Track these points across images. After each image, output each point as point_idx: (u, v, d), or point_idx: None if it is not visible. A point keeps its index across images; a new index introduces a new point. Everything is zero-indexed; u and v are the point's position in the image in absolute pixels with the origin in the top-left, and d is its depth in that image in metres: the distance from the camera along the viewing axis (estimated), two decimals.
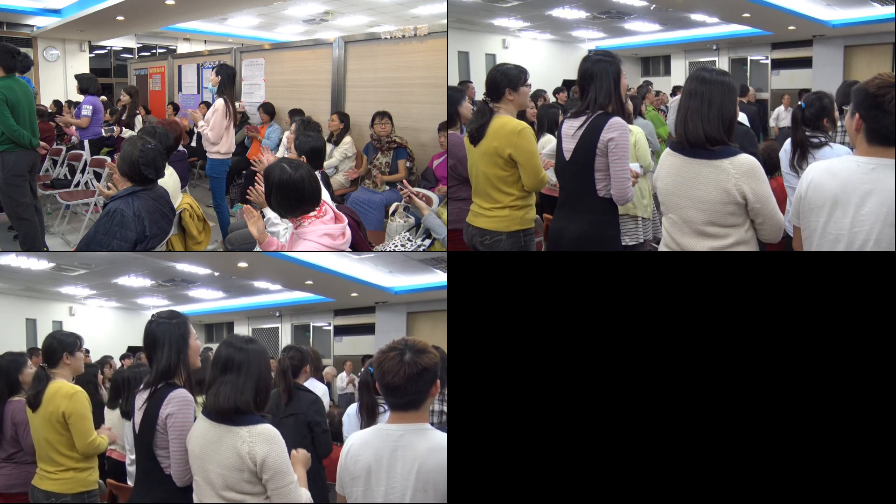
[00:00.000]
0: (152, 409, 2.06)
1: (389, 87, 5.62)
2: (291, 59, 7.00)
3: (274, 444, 1.86)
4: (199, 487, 1.92)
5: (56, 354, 2.67)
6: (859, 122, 1.94)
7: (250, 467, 1.84)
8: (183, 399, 2.06)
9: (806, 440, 2.07)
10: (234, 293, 8.66)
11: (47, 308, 8.71)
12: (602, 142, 2.58)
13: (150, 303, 8.92)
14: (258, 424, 1.88)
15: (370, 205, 4.96)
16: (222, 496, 1.86)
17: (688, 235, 2.23)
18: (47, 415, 2.57)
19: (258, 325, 10.32)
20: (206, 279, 7.48)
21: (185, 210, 3.46)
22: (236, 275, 7.16)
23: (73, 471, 2.60)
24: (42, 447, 2.61)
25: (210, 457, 1.88)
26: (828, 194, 1.97)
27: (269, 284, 8.07)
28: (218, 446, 1.87)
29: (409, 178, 5.04)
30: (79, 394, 2.60)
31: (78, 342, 2.73)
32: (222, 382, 1.89)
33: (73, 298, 8.84)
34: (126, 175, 2.81)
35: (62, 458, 2.59)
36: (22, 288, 7.95)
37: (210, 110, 5.20)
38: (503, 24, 10.73)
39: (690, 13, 10.35)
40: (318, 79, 6.39)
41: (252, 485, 1.86)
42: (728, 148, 2.13)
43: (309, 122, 5.03)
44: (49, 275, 7.06)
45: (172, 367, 2.09)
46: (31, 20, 11.14)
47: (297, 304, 9.14)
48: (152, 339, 2.11)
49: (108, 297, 8.88)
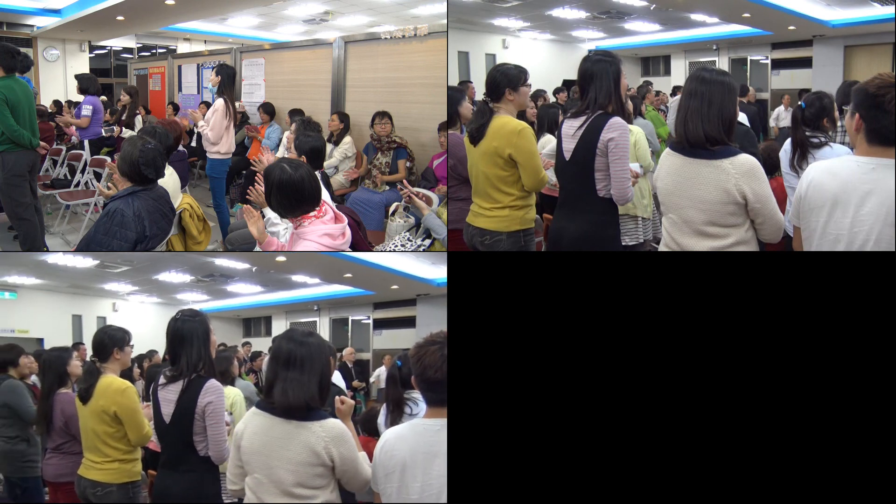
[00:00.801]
0: (189, 399, 2.24)
1: (389, 87, 5.62)
2: (291, 59, 7.00)
3: (346, 438, 1.87)
4: (261, 485, 1.87)
5: (106, 349, 2.73)
6: (859, 122, 1.94)
7: (325, 462, 1.84)
8: (217, 388, 2.28)
9: (807, 440, 2.07)
10: (272, 287, 8.68)
11: (92, 304, 8.94)
12: (602, 142, 2.58)
13: (189, 298, 9.02)
14: (327, 420, 1.87)
15: (370, 205, 4.96)
16: (292, 493, 1.84)
17: (688, 235, 2.23)
18: (98, 408, 2.64)
19: (296, 319, 10.25)
20: (245, 274, 7.55)
21: (185, 210, 3.46)
22: (274, 269, 7.19)
23: (119, 462, 2.67)
24: (90, 438, 2.68)
25: (277, 453, 1.85)
26: (828, 194, 1.96)
27: (308, 278, 8.04)
28: (287, 443, 1.84)
29: (409, 178, 5.04)
30: (129, 389, 2.68)
31: (127, 337, 2.81)
32: (286, 379, 1.87)
33: (116, 294, 9.02)
34: (126, 175, 2.81)
35: (109, 450, 2.65)
36: (68, 285, 8.16)
37: (210, 110, 5.20)
38: (503, 24, 10.72)
39: (690, 13, 10.35)
40: (318, 79, 6.39)
41: (323, 479, 1.86)
42: (728, 148, 2.13)
43: (309, 122, 5.03)
44: (93, 272, 7.26)
45: (200, 361, 2.28)
46: (31, 20, 11.14)
47: (336, 297, 9.07)
48: (179, 335, 2.29)
49: (149, 293, 9.03)
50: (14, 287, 7.80)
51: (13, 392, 3.30)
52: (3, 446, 3.30)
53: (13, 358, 3.46)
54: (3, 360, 3.45)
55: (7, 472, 3.33)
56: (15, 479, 3.29)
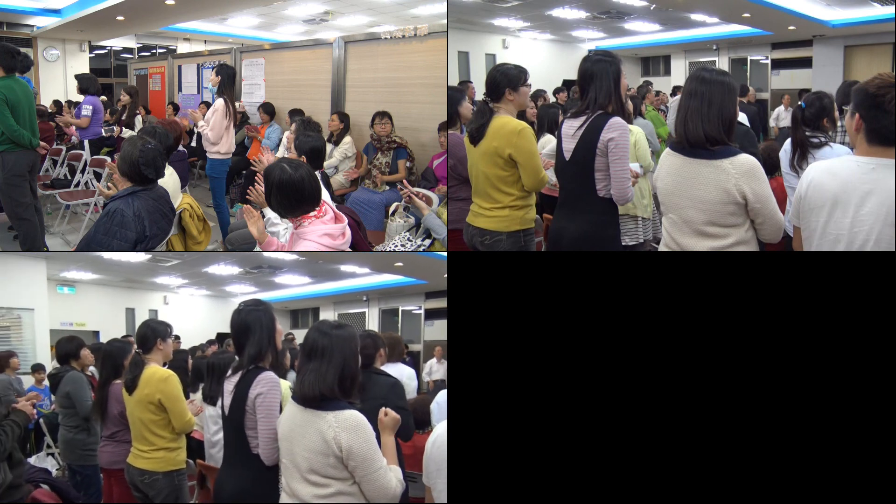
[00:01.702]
0: (242, 391, 2.16)
1: (389, 87, 5.62)
2: (291, 59, 7.00)
3: (359, 431, 1.86)
4: (287, 469, 1.95)
5: (149, 341, 2.84)
6: (859, 122, 1.94)
7: (335, 453, 1.85)
8: (271, 380, 2.16)
9: (807, 440, 2.07)
10: (320, 278, 8.66)
11: (144, 298, 9.14)
12: (602, 142, 2.58)
13: (238, 290, 9.14)
14: (344, 410, 1.88)
15: (370, 205, 4.96)
16: (307, 479, 1.89)
17: (688, 235, 2.23)
18: (143, 397, 2.74)
19: (344, 310, 10.16)
20: (293, 265, 7.54)
21: (185, 210, 3.47)
22: (323, 259, 7.15)
23: (164, 450, 2.77)
24: (137, 427, 2.79)
25: (297, 440, 1.91)
26: (828, 194, 1.96)
27: (357, 268, 7.95)
28: (304, 430, 1.89)
29: (409, 178, 5.04)
30: (172, 377, 2.77)
31: (168, 329, 2.91)
32: (307, 369, 1.91)
33: (167, 288, 9.21)
34: (126, 175, 2.81)
35: (155, 438, 2.76)
36: (122, 279, 8.38)
37: (210, 110, 5.19)
38: (503, 24, 10.72)
39: (690, 13, 10.35)
40: (318, 79, 6.39)
41: (337, 470, 1.87)
42: (728, 148, 2.13)
43: (309, 122, 5.03)
44: (146, 266, 7.46)
45: (263, 352, 2.20)
46: (31, 20, 11.14)
47: (386, 287, 8.97)
48: (244, 326, 2.21)
49: (198, 286, 9.16)
50: (73, 282, 8.07)
51: (75, 383, 3.50)
52: (65, 435, 3.53)
53: (75, 350, 3.69)
54: (66, 351, 3.69)
55: (69, 459, 3.53)
56: (76, 466, 3.48)
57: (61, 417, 3.62)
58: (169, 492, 2.76)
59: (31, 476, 3.01)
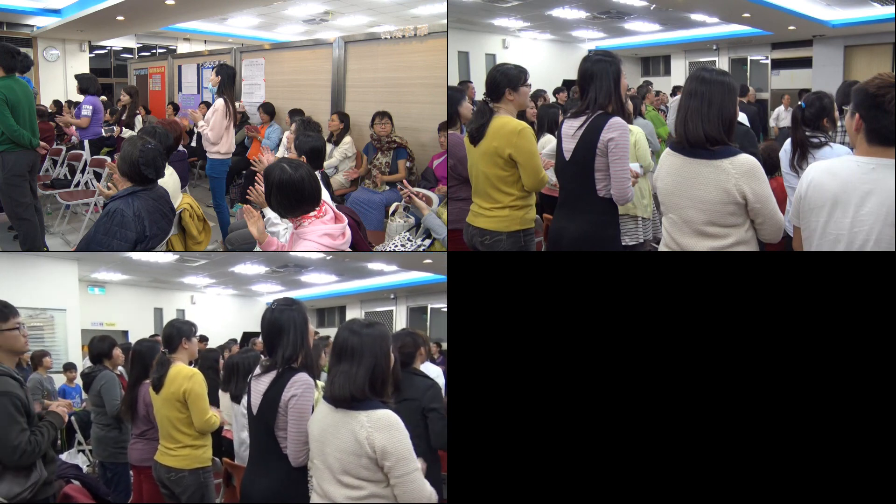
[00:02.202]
0: (275, 392, 2.11)
1: (389, 87, 5.62)
2: (291, 59, 7.00)
3: (394, 430, 1.82)
4: (318, 471, 1.92)
5: (175, 340, 2.90)
6: (859, 122, 1.94)
7: (368, 453, 1.81)
8: (306, 382, 2.11)
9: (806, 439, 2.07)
10: (347, 276, 8.65)
11: (172, 297, 9.26)
12: (602, 142, 2.58)
13: (264, 289, 9.20)
14: (377, 410, 1.84)
15: (370, 205, 4.96)
16: (340, 480, 1.86)
17: (688, 235, 2.23)
18: (169, 395, 2.81)
19: (371, 308, 10.08)
20: (319, 263, 7.54)
21: (185, 210, 3.47)
22: (349, 258, 7.13)
23: (189, 448, 2.83)
24: (164, 425, 2.87)
25: (329, 441, 1.88)
26: (828, 194, 1.96)
27: (384, 266, 7.88)
28: (336, 430, 1.86)
29: (409, 178, 5.04)
30: (196, 375, 2.83)
31: (193, 328, 2.98)
32: (337, 370, 1.88)
33: (194, 288, 9.30)
34: (126, 175, 2.81)
35: (181, 436, 2.83)
36: (150, 280, 8.50)
37: (210, 110, 5.20)
38: (503, 24, 10.72)
39: (690, 13, 10.35)
40: (318, 79, 6.39)
41: (370, 471, 1.83)
42: (728, 148, 2.13)
43: (309, 122, 5.03)
44: (174, 266, 7.54)
45: (297, 353, 2.15)
46: (31, 20, 11.13)
47: (414, 284, 8.89)
48: (276, 326, 2.15)
49: (225, 285, 9.23)
50: (103, 283, 8.21)
51: (107, 383, 3.60)
52: (97, 432, 3.65)
53: (108, 350, 3.80)
54: (99, 351, 3.79)
55: (100, 456, 3.65)
56: (107, 462, 3.59)
57: (93, 415, 3.72)
58: (195, 489, 2.81)
59: (62, 472, 3.01)
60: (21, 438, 2.09)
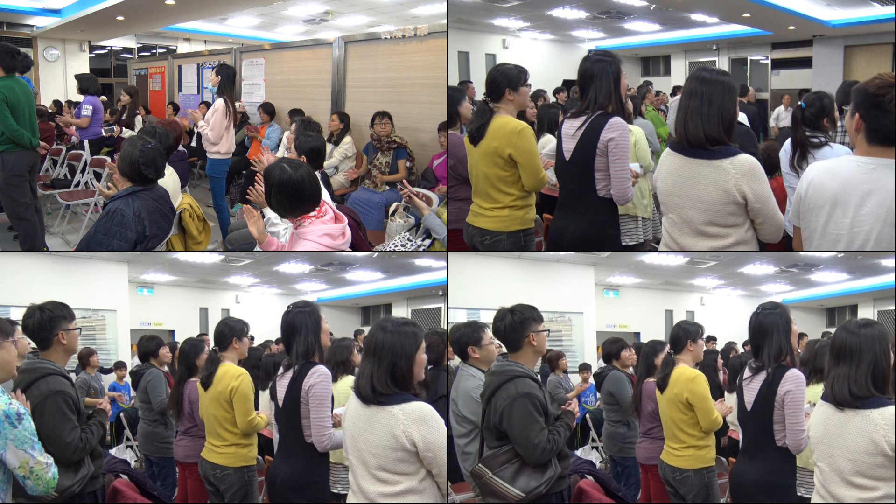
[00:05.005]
0: (297, 384, 2.32)
1: (389, 87, 5.62)
2: (291, 59, 7.00)
3: (430, 421, 1.84)
4: (354, 468, 1.94)
5: (226, 339, 2.90)
6: (859, 122, 1.94)
7: (405, 447, 1.82)
8: (323, 373, 2.34)
9: None
10: (392, 273, 8.58)
11: (217, 297, 9.30)
12: (602, 142, 2.58)
13: (308, 288, 9.16)
14: (410, 403, 1.85)
15: (370, 205, 4.96)
16: (376, 476, 1.87)
17: (688, 235, 2.23)
18: (216, 394, 2.82)
19: (418, 305, 9.86)
20: (364, 261, 7.52)
21: (185, 210, 3.47)
22: (396, 255, 7.08)
23: (235, 446, 2.84)
24: (210, 423, 2.89)
25: (362, 437, 1.88)
26: (828, 194, 1.96)
27: (433, 262, 7.81)
28: (369, 426, 1.87)
29: (409, 178, 5.04)
30: (244, 376, 2.83)
31: (245, 328, 2.97)
32: (364, 368, 1.92)
33: (239, 287, 9.33)
34: (126, 175, 2.82)
35: (227, 434, 2.84)
36: (196, 280, 8.59)
37: (210, 110, 5.20)
38: (503, 24, 10.73)
39: (690, 13, 10.35)
40: (318, 79, 6.39)
41: (406, 464, 1.84)
42: (728, 148, 2.13)
43: (309, 122, 5.02)
44: (219, 266, 7.61)
45: (311, 349, 2.37)
46: (31, 20, 11.15)
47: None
48: (291, 326, 2.39)
49: (269, 284, 9.24)
50: (151, 284, 8.35)
51: (153, 380, 3.75)
52: (144, 427, 3.79)
53: (155, 349, 3.92)
54: (147, 350, 3.93)
55: (147, 450, 3.80)
56: (153, 457, 3.74)
57: (141, 411, 3.84)
58: (239, 487, 2.85)
59: (112, 467, 3.18)
60: (73, 436, 2.19)
